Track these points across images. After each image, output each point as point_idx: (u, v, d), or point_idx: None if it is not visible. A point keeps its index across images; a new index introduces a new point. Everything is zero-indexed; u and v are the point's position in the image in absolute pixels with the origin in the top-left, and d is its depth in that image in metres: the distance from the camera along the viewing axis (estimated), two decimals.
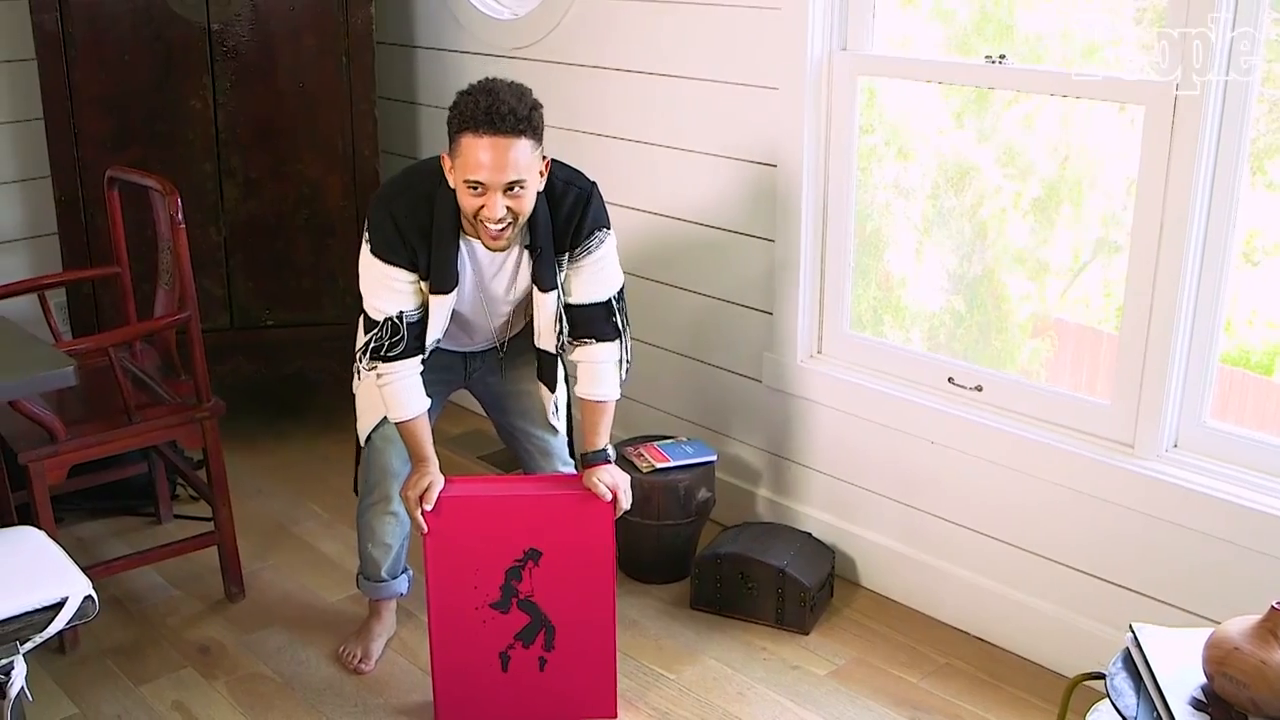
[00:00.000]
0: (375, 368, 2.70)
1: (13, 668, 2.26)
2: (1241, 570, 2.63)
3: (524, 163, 2.49)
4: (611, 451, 2.80)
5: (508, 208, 2.52)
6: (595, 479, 2.71)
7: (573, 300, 2.76)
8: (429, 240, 2.61)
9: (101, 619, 3.06)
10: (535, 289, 2.72)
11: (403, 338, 2.67)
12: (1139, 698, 2.00)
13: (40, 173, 4.08)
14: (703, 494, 3.39)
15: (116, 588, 3.38)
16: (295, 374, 4.20)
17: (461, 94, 2.51)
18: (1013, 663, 3.06)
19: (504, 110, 2.45)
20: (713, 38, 3.38)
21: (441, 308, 2.69)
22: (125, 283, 3.45)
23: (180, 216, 3.04)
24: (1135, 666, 2.07)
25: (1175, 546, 2.74)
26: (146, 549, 3.32)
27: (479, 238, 2.61)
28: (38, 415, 2.89)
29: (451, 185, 2.57)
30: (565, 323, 2.78)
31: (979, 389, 3.09)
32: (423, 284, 2.67)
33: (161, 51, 3.83)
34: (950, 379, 3.14)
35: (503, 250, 2.64)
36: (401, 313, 2.66)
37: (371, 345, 2.68)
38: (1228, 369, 2.92)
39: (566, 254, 2.71)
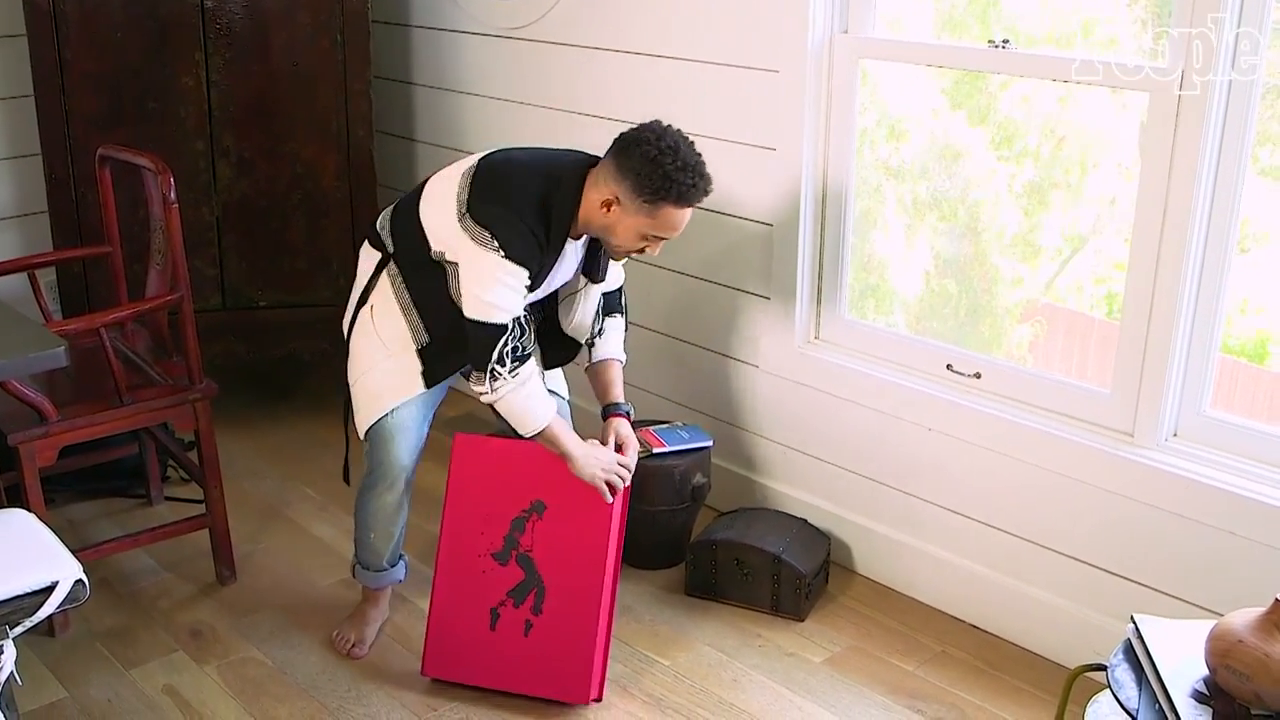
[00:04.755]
0: (517, 369, 2.69)
1: (2, 652, 2.24)
2: (1241, 561, 2.62)
3: None
4: (630, 408, 3.02)
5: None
6: (617, 428, 2.93)
7: (606, 287, 2.98)
8: (549, 245, 2.73)
9: (92, 602, 3.05)
10: (586, 281, 2.91)
11: (528, 333, 2.73)
12: (1140, 690, 1.99)
13: (31, 150, 4.03)
14: (698, 479, 3.37)
15: (107, 570, 3.36)
16: (288, 355, 4.17)
17: (673, 169, 2.61)
18: (1009, 651, 3.05)
19: (709, 189, 2.70)
20: (712, 19, 3.34)
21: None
22: (116, 262, 3.41)
23: (173, 196, 3.00)
24: (1136, 658, 2.06)
25: (1174, 536, 2.73)
26: (137, 531, 3.29)
27: (606, 241, 2.78)
28: (28, 396, 2.86)
29: (606, 222, 2.70)
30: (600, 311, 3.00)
31: (978, 376, 3.07)
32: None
33: (154, 29, 3.78)
34: (949, 366, 3.12)
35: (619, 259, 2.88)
36: (523, 312, 2.73)
37: (509, 347, 2.68)
38: (1219, 356, 2.90)
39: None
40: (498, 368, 2.67)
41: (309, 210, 4.05)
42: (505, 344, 2.66)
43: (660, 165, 2.60)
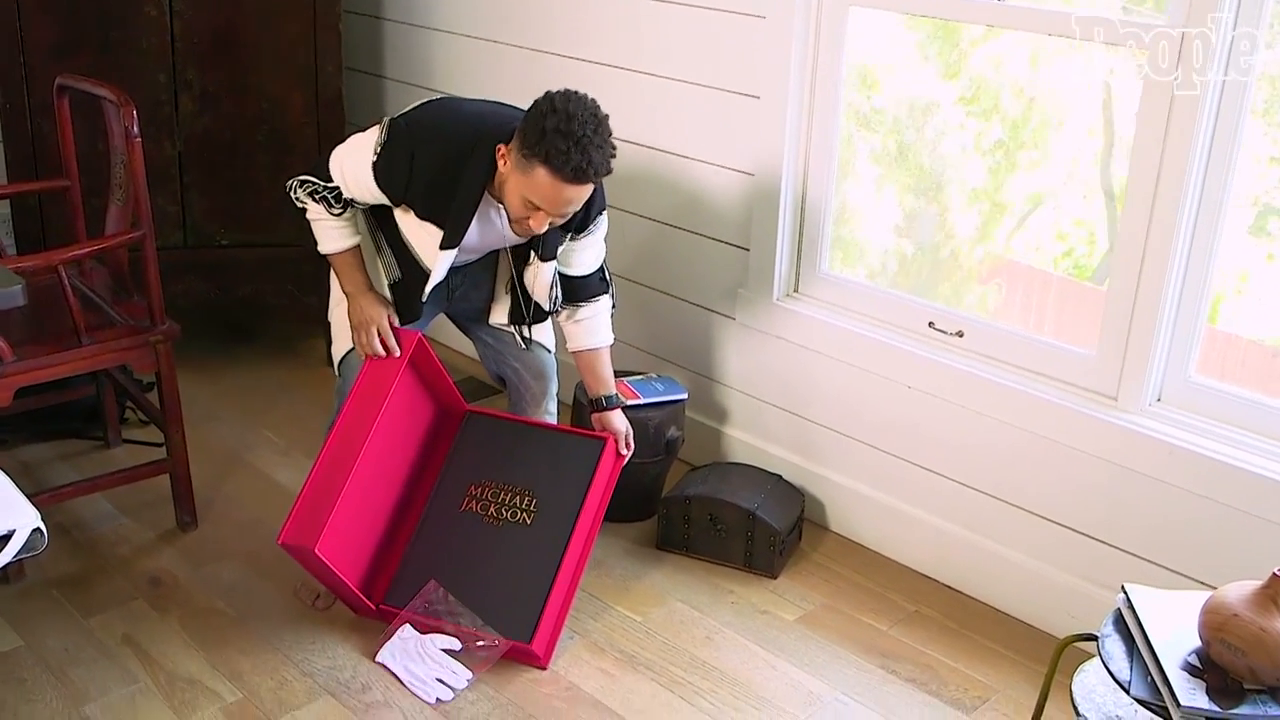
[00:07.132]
0: (304, 202, 2.85)
1: None
2: (1222, 529, 2.60)
3: (585, 196, 2.61)
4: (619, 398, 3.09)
5: (551, 221, 2.64)
6: (614, 423, 3.02)
7: (574, 272, 2.93)
8: (437, 194, 2.68)
9: (48, 548, 2.95)
10: (535, 258, 2.84)
11: (340, 208, 2.82)
12: (1131, 661, 1.96)
13: None
14: (672, 432, 3.32)
15: (63, 515, 3.26)
16: (250, 296, 4.06)
17: (551, 129, 2.48)
18: (982, 612, 3.03)
19: (595, 168, 2.52)
20: None
21: (446, 260, 2.76)
22: (74, 197, 3.30)
23: (136, 129, 2.89)
24: (1127, 628, 2.03)
25: (1154, 502, 2.70)
26: (96, 475, 3.20)
27: (503, 204, 2.69)
28: None
29: (501, 172, 2.62)
30: (559, 289, 2.93)
31: (960, 334, 3.03)
32: (404, 207, 2.76)
33: None
34: (931, 323, 3.07)
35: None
36: (353, 199, 2.80)
37: (316, 190, 2.81)
38: (1206, 323, 2.87)
39: (570, 232, 2.83)
40: (298, 186, 2.83)
41: (274, 147, 3.93)
42: (316, 184, 2.80)
43: (542, 121, 2.49)
